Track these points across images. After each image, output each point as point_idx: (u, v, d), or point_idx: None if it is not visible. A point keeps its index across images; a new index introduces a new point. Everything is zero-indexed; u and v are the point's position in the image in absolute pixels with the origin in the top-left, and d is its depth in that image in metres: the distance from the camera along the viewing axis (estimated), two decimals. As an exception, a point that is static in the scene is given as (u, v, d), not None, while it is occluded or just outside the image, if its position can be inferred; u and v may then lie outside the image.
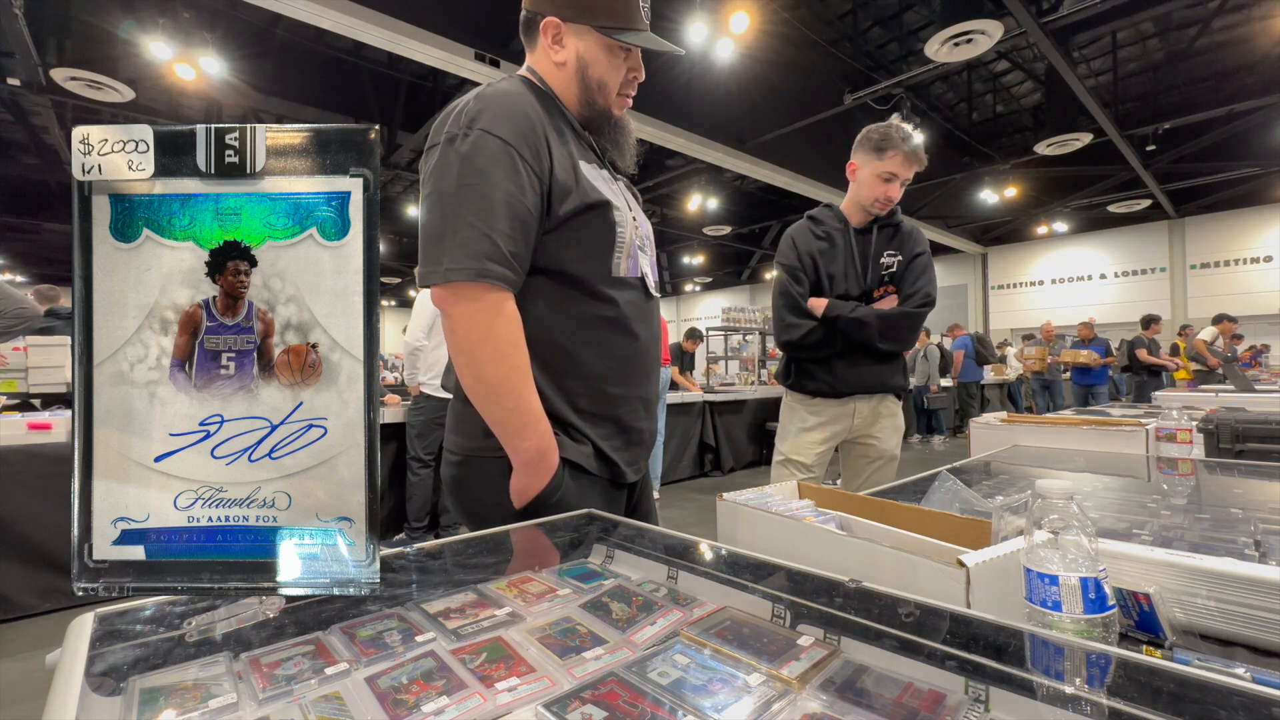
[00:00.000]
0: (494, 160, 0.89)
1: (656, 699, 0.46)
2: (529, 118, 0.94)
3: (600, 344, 1.02)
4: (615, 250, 1.00)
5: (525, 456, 0.93)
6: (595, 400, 1.03)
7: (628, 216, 1.03)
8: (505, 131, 0.91)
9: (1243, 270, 12.93)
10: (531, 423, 0.93)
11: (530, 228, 0.93)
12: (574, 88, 1.05)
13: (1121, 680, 0.41)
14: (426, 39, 5.26)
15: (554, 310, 0.99)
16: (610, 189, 1.03)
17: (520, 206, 0.91)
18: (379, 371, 0.55)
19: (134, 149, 0.52)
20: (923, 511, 0.80)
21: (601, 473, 1.04)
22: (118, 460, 0.52)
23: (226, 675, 0.50)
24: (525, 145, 0.92)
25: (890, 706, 0.45)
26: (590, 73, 1.03)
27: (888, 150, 1.87)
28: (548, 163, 0.94)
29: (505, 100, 0.94)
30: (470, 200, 0.88)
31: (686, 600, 0.66)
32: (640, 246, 1.07)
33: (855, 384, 1.95)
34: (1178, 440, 1.58)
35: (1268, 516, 0.96)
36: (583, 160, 1.01)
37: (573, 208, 0.95)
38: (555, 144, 0.96)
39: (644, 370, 1.09)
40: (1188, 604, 0.64)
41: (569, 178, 0.96)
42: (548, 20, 1.03)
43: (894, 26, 7.13)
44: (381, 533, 3.98)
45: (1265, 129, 9.12)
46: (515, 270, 0.91)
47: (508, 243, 0.89)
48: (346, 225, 0.54)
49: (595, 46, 1.02)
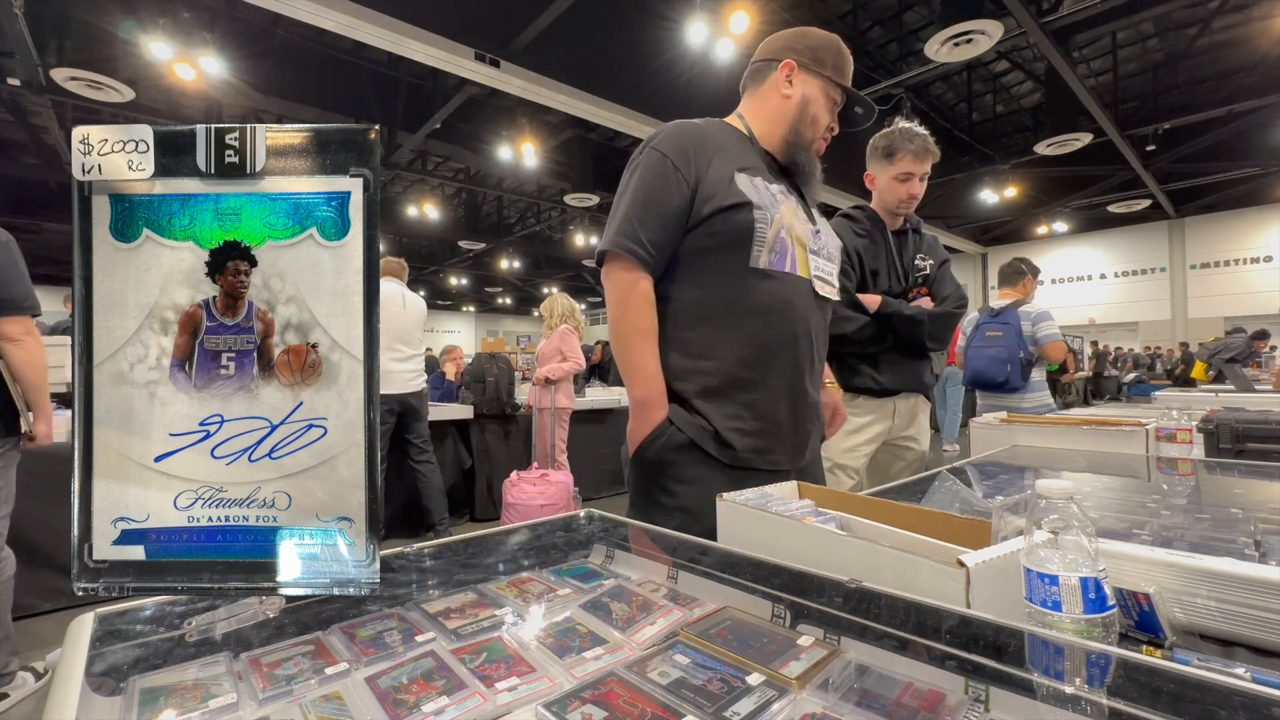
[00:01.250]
0: (650, 168, 1.14)
1: (656, 699, 0.46)
2: (691, 136, 1.17)
3: (736, 329, 1.15)
4: (755, 244, 1.13)
5: (634, 401, 1.14)
6: (727, 382, 1.14)
7: (775, 217, 1.16)
8: (666, 147, 1.15)
9: (1243, 270, 12.93)
10: (644, 376, 1.12)
11: (670, 220, 1.13)
12: (791, 117, 1.25)
13: (1121, 680, 0.41)
14: (426, 39, 5.26)
15: (696, 296, 1.16)
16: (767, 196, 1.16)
17: (662, 203, 1.12)
18: (378, 371, 0.55)
19: (134, 149, 0.52)
20: (923, 511, 0.80)
21: (722, 456, 1.11)
22: (118, 460, 0.52)
23: (226, 675, 0.50)
24: (679, 156, 1.14)
25: (890, 706, 0.44)
26: (810, 109, 1.25)
27: (896, 153, 1.94)
28: (699, 171, 1.14)
29: (679, 126, 1.19)
30: (627, 198, 1.15)
31: (686, 600, 0.66)
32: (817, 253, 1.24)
33: (899, 382, 1.96)
34: (1178, 440, 1.58)
35: (1268, 516, 0.96)
36: (745, 173, 1.17)
37: (715, 208, 1.13)
38: (714, 158, 1.16)
39: (786, 360, 1.17)
40: (1188, 604, 0.64)
41: (718, 185, 1.14)
42: (787, 62, 1.25)
43: (894, 26, 7.13)
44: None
45: (1265, 129, 9.12)
46: (648, 250, 1.12)
47: (645, 229, 1.12)
48: (346, 225, 0.54)
49: (819, 92, 1.25)
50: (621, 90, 6.64)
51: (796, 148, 1.26)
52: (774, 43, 1.30)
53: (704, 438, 1.12)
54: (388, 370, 3.53)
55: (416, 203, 12.16)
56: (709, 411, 1.13)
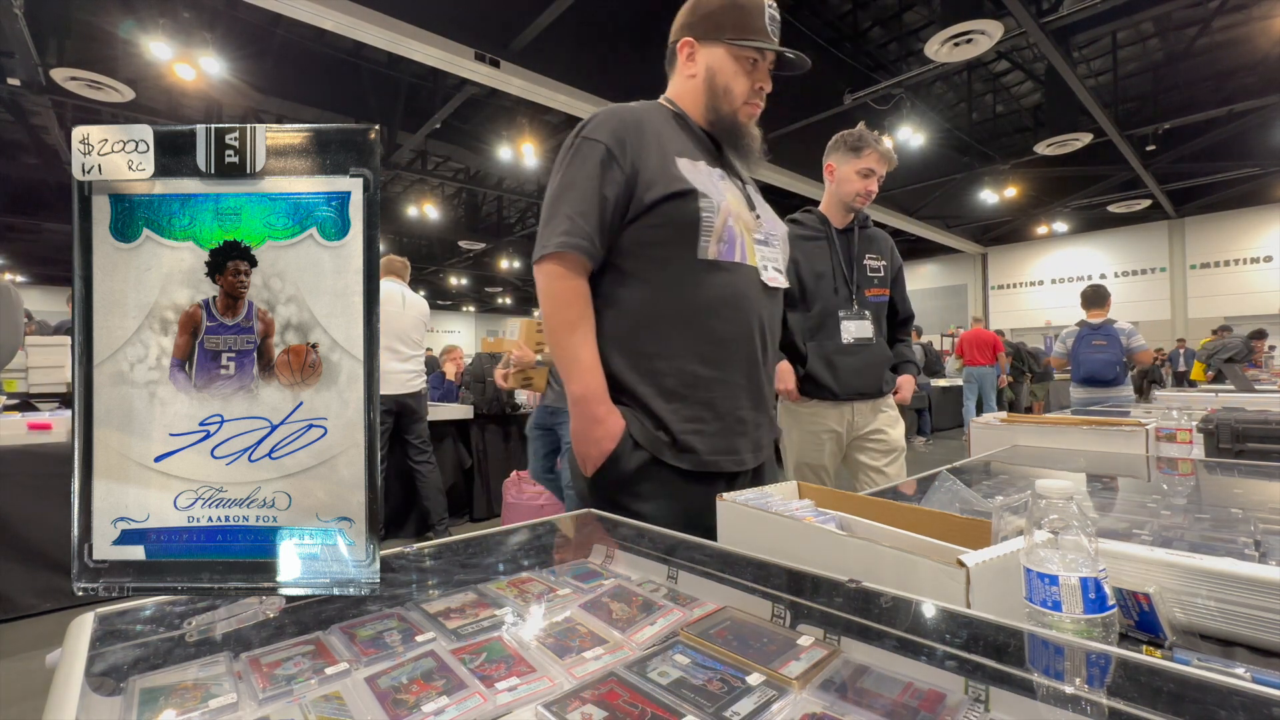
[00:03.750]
0: (585, 159, 1.08)
1: (656, 699, 0.46)
2: (625, 121, 1.10)
3: (690, 325, 1.09)
4: (702, 234, 1.08)
5: (572, 398, 1.07)
6: (684, 382, 1.08)
7: (721, 204, 1.10)
8: (600, 134, 1.08)
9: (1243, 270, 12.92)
10: (578, 371, 1.06)
11: (609, 210, 1.07)
12: (702, 96, 1.18)
13: (1121, 680, 0.41)
14: (426, 39, 5.26)
15: (644, 292, 1.09)
16: (710, 183, 1.11)
17: (600, 194, 1.06)
18: (379, 371, 0.55)
19: (134, 149, 0.52)
20: (923, 511, 0.80)
21: (682, 462, 1.06)
22: (118, 460, 0.52)
23: (226, 675, 0.50)
24: (615, 143, 1.08)
25: (890, 706, 0.44)
26: (718, 81, 1.16)
27: (864, 149, 2.01)
28: (638, 158, 1.08)
29: (611, 111, 1.12)
30: (563, 193, 1.08)
31: (686, 600, 0.66)
32: (763, 240, 1.18)
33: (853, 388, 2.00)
34: (1178, 440, 1.58)
35: (1267, 516, 0.96)
36: (686, 158, 1.11)
37: (657, 196, 1.07)
38: (651, 144, 1.09)
39: (743, 355, 1.12)
40: (1188, 604, 0.64)
41: (657, 172, 1.08)
42: (684, 40, 1.18)
43: (894, 26, 7.12)
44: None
45: (1265, 129, 9.12)
46: (591, 241, 1.06)
47: (585, 221, 1.06)
48: (346, 225, 0.54)
49: (723, 58, 1.16)
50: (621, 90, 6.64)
51: (718, 124, 1.19)
52: (675, 23, 1.21)
53: (662, 449, 1.06)
54: (385, 370, 3.54)
55: (416, 203, 12.16)
56: (666, 415, 1.07)
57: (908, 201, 11.69)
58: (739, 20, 1.14)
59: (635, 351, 1.09)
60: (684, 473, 1.07)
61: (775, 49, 1.15)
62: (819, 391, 1.99)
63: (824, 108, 7.52)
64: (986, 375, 8.17)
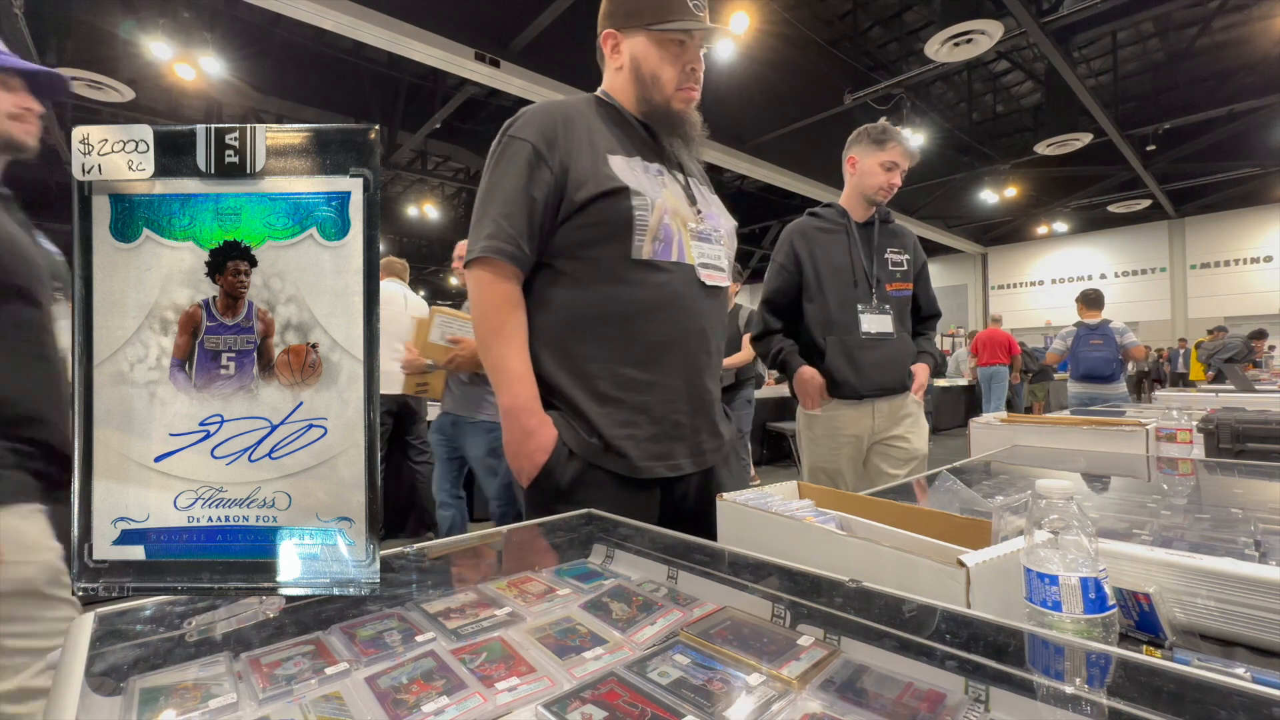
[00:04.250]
0: (512, 158, 1.04)
1: (656, 699, 0.46)
2: (553, 119, 1.06)
3: (624, 326, 1.05)
4: (636, 233, 1.04)
5: (502, 409, 1.04)
6: (618, 385, 1.05)
7: (656, 202, 1.06)
8: (527, 133, 1.05)
9: (1243, 270, 12.93)
10: (507, 380, 1.03)
11: (538, 212, 1.04)
12: (632, 88, 1.15)
13: (1121, 680, 0.41)
14: (426, 39, 5.26)
15: (576, 294, 1.06)
16: (645, 180, 1.07)
17: (527, 195, 1.03)
18: (379, 371, 0.55)
19: (134, 149, 0.52)
20: (923, 511, 0.80)
21: (615, 467, 1.03)
22: (118, 460, 0.52)
23: (226, 675, 0.50)
24: (543, 142, 1.04)
25: (890, 706, 0.44)
26: (644, 69, 1.12)
27: (888, 142, 1.97)
28: (568, 156, 1.05)
29: (537, 108, 1.09)
30: (491, 195, 1.05)
31: (686, 600, 0.66)
32: (702, 237, 1.13)
33: (876, 384, 1.94)
34: (1178, 440, 1.58)
35: (1267, 516, 0.96)
36: (620, 154, 1.08)
37: (588, 195, 1.03)
38: (581, 141, 1.06)
39: (680, 358, 1.08)
40: (1188, 604, 0.64)
41: (588, 170, 1.04)
42: (606, 33, 1.15)
43: (894, 26, 7.14)
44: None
45: (1265, 129, 9.12)
46: (518, 246, 1.03)
47: (513, 223, 1.02)
48: (346, 225, 0.54)
49: (646, 45, 1.11)
50: (621, 90, 6.62)
51: (652, 115, 1.14)
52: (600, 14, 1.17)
53: (595, 454, 1.03)
54: (385, 370, 3.53)
55: (416, 203, 12.17)
56: (599, 419, 1.04)
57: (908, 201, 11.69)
58: (657, 3, 1.08)
59: (567, 354, 1.06)
60: (619, 478, 1.04)
61: (699, 27, 1.09)
62: (839, 389, 1.93)
63: (824, 108, 7.53)
64: (1001, 375, 8.36)
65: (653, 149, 1.16)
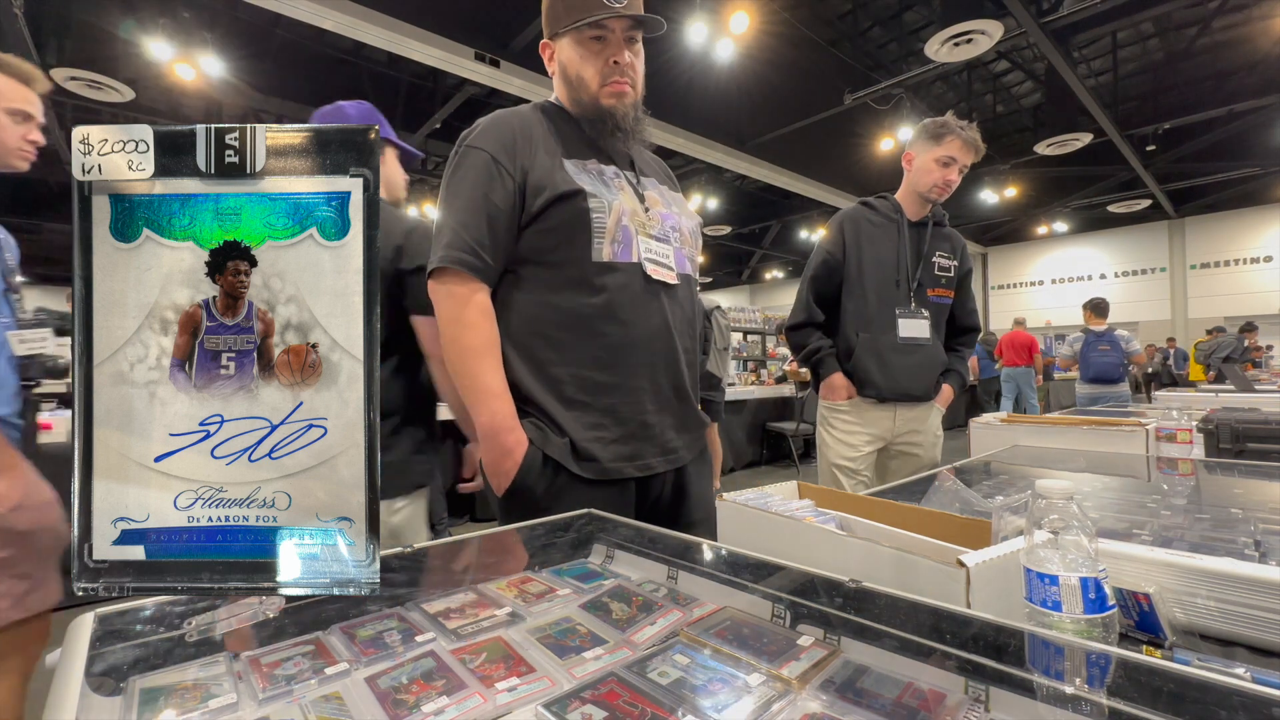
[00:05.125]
0: (471, 168, 1.05)
1: (656, 699, 0.46)
2: (510, 127, 1.08)
3: (586, 329, 1.05)
4: (595, 236, 1.05)
5: (480, 429, 1.03)
6: (583, 389, 1.05)
7: (612, 204, 1.06)
8: (484, 142, 1.06)
9: (1243, 270, 12.92)
10: (485, 399, 1.02)
11: (499, 220, 1.04)
12: (566, 91, 1.16)
13: (1121, 680, 0.41)
14: (426, 39, 5.26)
15: (540, 299, 1.07)
16: (599, 182, 1.08)
17: (489, 203, 1.03)
18: (379, 371, 0.55)
19: (134, 149, 0.52)
20: (923, 511, 0.80)
21: (584, 471, 1.03)
22: (118, 460, 0.52)
23: (226, 675, 0.50)
24: (501, 151, 1.05)
25: (890, 706, 0.44)
26: (569, 72, 1.13)
27: (946, 136, 1.88)
28: (524, 164, 1.06)
29: (493, 119, 1.10)
30: (451, 204, 1.05)
31: (686, 600, 0.66)
32: (655, 236, 1.13)
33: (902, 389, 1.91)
34: (1178, 440, 1.58)
35: (1267, 516, 0.96)
36: (574, 159, 1.09)
37: (546, 200, 1.04)
38: (537, 148, 1.07)
39: (645, 359, 1.08)
40: (1188, 604, 0.64)
41: (545, 175, 1.05)
42: (543, 44, 1.18)
43: (894, 26, 7.12)
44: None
45: (1265, 129, 9.11)
46: (482, 258, 1.03)
47: (473, 234, 1.02)
48: (346, 225, 0.54)
49: (569, 47, 1.12)
50: (621, 90, 6.63)
51: (584, 115, 1.14)
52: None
53: (566, 456, 1.03)
54: None
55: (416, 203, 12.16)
56: (568, 423, 1.04)
57: (908, 201, 11.66)
58: (572, 4, 1.08)
59: (534, 359, 1.06)
60: (591, 481, 1.04)
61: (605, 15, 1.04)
62: (864, 389, 1.90)
63: (824, 108, 7.53)
64: (1024, 376, 8.56)
65: (603, 152, 1.16)
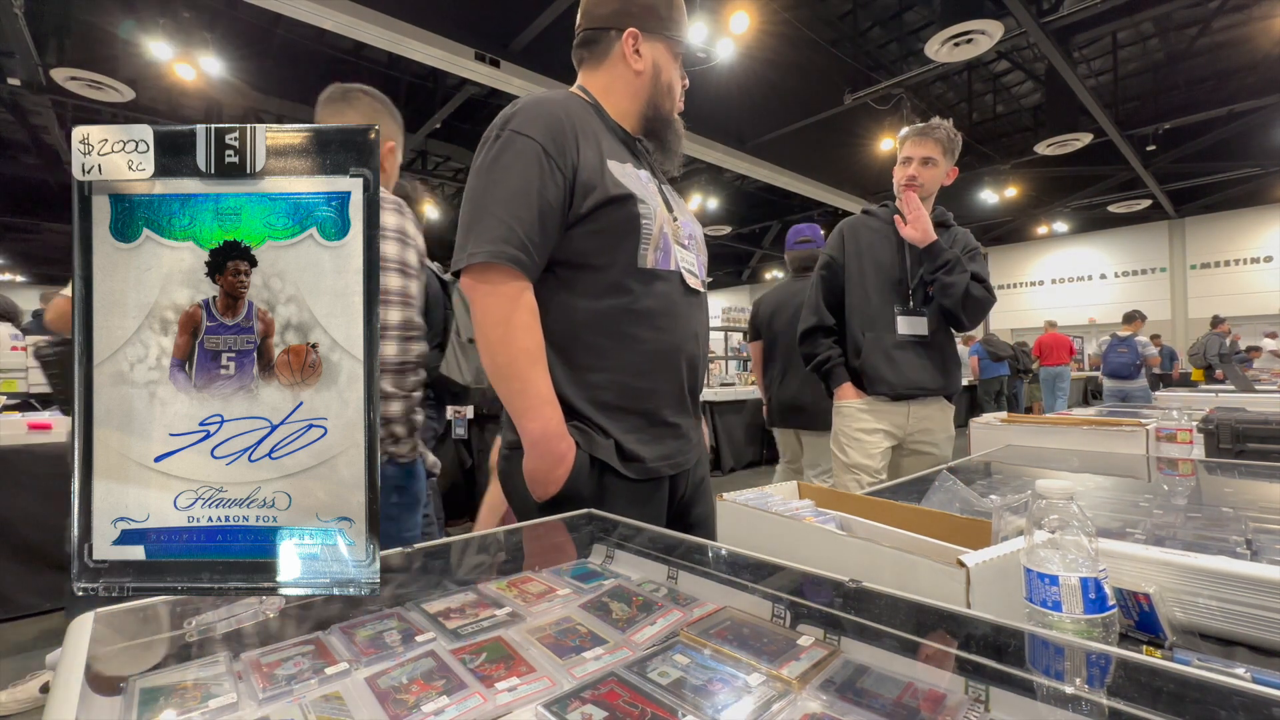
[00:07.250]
0: (519, 156, 0.97)
1: (656, 699, 0.46)
2: (558, 118, 1.01)
3: (627, 336, 1.04)
4: (642, 242, 1.03)
5: (531, 438, 0.98)
6: (621, 394, 1.04)
7: (656, 210, 1.06)
8: (533, 130, 0.98)
9: (1243, 270, 12.92)
10: (537, 405, 0.96)
11: (549, 217, 0.98)
12: (647, 93, 1.13)
13: (1121, 680, 0.41)
14: (426, 39, 5.26)
15: (581, 303, 1.03)
16: (643, 187, 1.06)
17: (541, 198, 0.96)
18: (378, 371, 0.55)
19: (134, 149, 0.52)
20: (923, 511, 0.80)
21: (630, 471, 1.03)
22: (118, 460, 0.52)
23: (226, 675, 0.50)
24: (551, 143, 0.98)
25: (890, 706, 0.44)
26: (663, 78, 1.13)
27: (903, 143, 2.01)
28: (573, 160, 1.00)
29: (537, 104, 1.02)
30: (495, 193, 0.96)
31: (686, 600, 0.66)
32: (682, 244, 1.12)
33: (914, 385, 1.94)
34: (1178, 440, 1.58)
35: (1259, 515, 0.96)
36: (615, 160, 1.05)
37: (596, 201, 1.00)
38: (584, 144, 1.02)
39: (676, 364, 1.09)
40: (1187, 604, 0.64)
41: (594, 174, 1.01)
42: (630, 31, 1.10)
43: (894, 26, 7.12)
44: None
45: (1265, 129, 9.11)
46: (529, 254, 0.96)
47: (524, 228, 0.95)
48: (346, 225, 0.54)
49: (665, 54, 1.13)
50: (621, 90, 6.62)
51: (658, 122, 1.14)
52: (603, 7, 1.11)
53: (612, 457, 1.01)
54: None
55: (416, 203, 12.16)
56: (609, 426, 1.02)
57: (908, 201, 11.66)
58: (672, 14, 1.11)
59: (572, 364, 1.03)
60: (633, 481, 1.04)
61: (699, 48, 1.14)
62: (875, 387, 1.95)
63: (824, 108, 7.53)
64: (1064, 373, 9.00)
65: (637, 155, 1.14)
